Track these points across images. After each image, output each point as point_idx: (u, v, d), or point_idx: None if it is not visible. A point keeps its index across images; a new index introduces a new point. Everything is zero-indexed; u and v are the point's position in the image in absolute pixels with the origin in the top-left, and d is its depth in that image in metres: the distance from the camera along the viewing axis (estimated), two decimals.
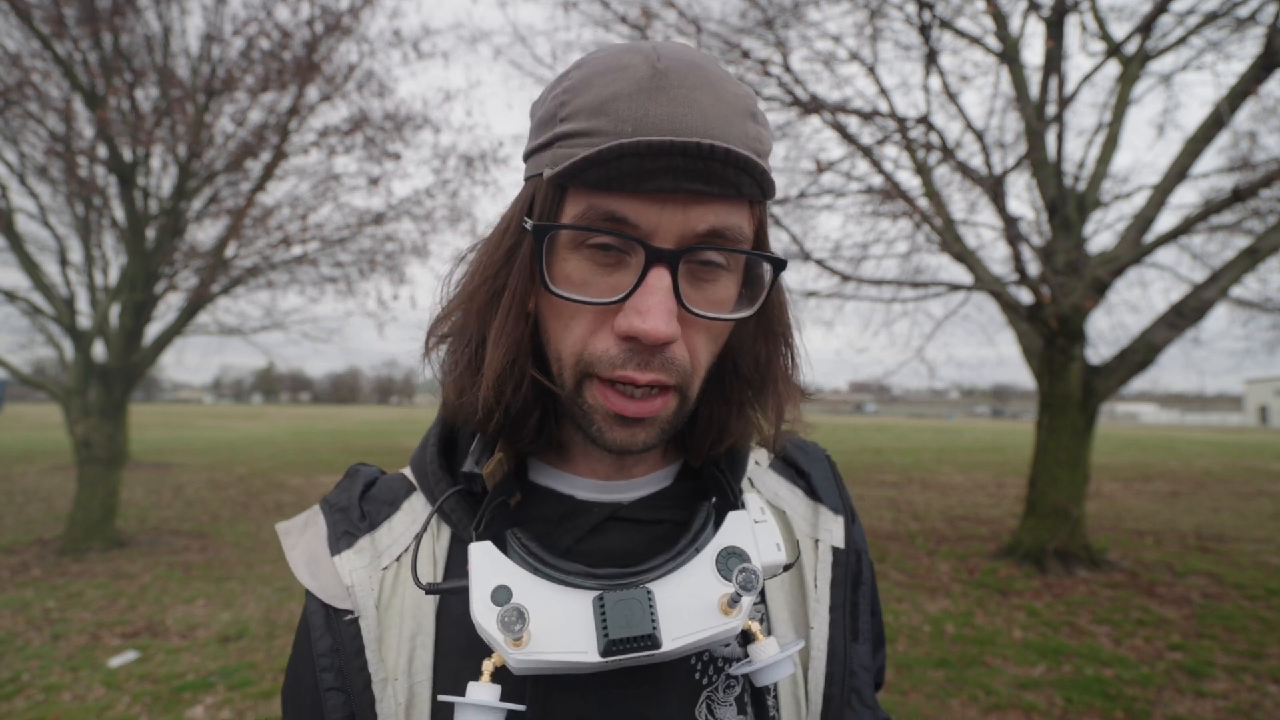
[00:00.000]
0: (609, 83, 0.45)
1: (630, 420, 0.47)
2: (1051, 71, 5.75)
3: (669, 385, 0.47)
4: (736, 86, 0.47)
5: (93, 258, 7.09)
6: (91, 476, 6.38)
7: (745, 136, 0.46)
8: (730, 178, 0.43)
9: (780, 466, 0.64)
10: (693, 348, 0.48)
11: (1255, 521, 8.31)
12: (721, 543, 0.49)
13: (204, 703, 3.36)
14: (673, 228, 0.44)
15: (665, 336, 0.43)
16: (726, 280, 0.48)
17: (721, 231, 0.45)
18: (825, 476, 0.64)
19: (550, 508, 0.55)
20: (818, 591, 0.57)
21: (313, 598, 0.54)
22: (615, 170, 0.42)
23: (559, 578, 0.46)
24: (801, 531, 0.60)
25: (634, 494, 0.56)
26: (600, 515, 0.54)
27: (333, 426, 32.85)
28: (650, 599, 0.45)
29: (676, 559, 0.48)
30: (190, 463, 14.42)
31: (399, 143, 7.46)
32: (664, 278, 0.44)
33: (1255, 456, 19.44)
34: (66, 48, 5.70)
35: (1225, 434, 38.97)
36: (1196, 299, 5.39)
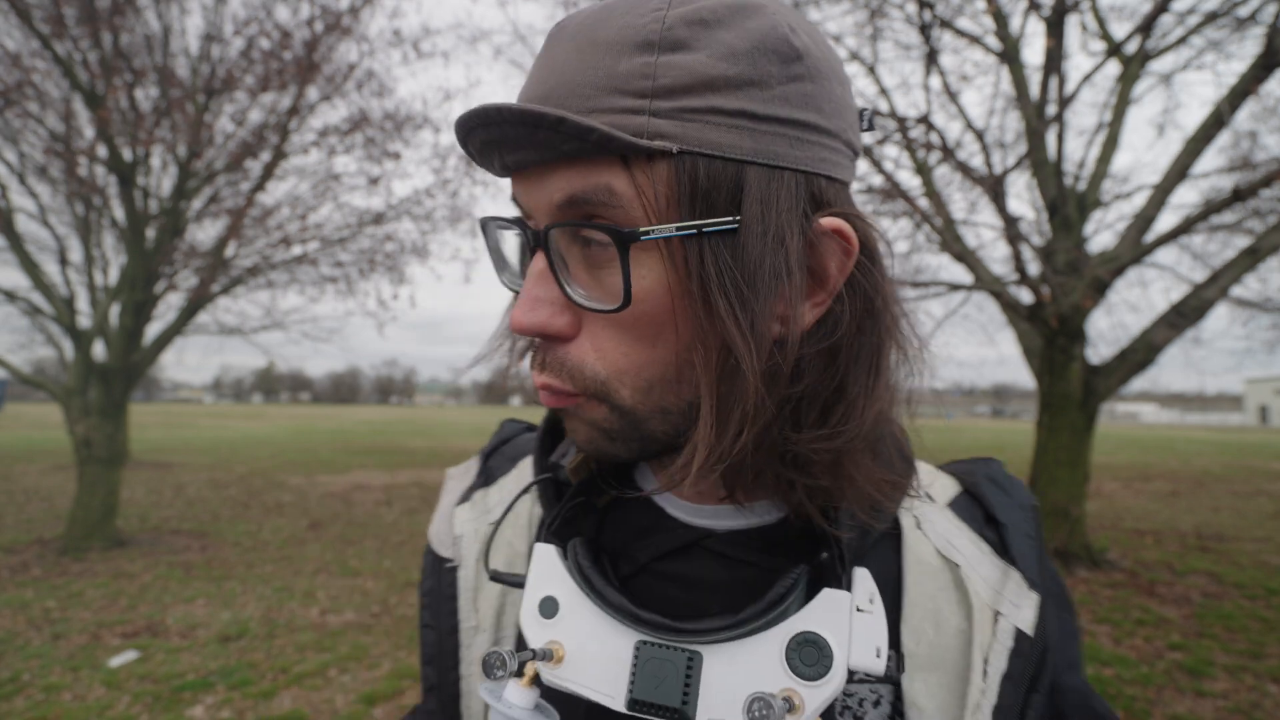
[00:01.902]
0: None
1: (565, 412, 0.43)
2: (1052, 71, 5.74)
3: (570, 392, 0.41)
4: (639, 16, 0.38)
5: (92, 257, 7.08)
6: (92, 476, 6.38)
7: (606, 77, 0.37)
8: (542, 139, 0.36)
9: (965, 506, 0.50)
10: (600, 347, 0.40)
11: (1255, 521, 8.31)
12: (802, 625, 0.39)
13: (204, 702, 3.36)
14: (539, 204, 0.39)
15: (521, 327, 0.39)
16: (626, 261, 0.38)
17: (580, 199, 0.38)
18: (1026, 534, 0.48)
19: (639, 517, 0.50)
20: (986, 681, 0.42)
21: (429, 541, 0.58)
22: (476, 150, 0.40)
23: (604, 608, 0.42)
24: (978, 597, 0.45)
25: (727, 523, 0.47)
26: (683, 539, 0.47)
27: (333, 426, 32.85)
28: (691, 667, 0.39)
29: (738, 629, 0.39)
30: (190, 462, 14.42)
31: (399, 142, 7.46)
32: (539, 261, 0.40)
33: (1255, 456, 19.44)
34: (66, 47, 5.70)
35: (1225, 433, 38.96)
36: (1197, 298, 5.39)
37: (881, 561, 0.46)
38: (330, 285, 8.37)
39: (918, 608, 0.45)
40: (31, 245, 6.74)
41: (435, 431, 28.43)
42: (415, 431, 28.28)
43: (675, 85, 0.37)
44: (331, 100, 7.04)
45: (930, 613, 0.45)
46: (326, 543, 6.92)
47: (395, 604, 4.96)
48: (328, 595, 5.14)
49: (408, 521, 8.15)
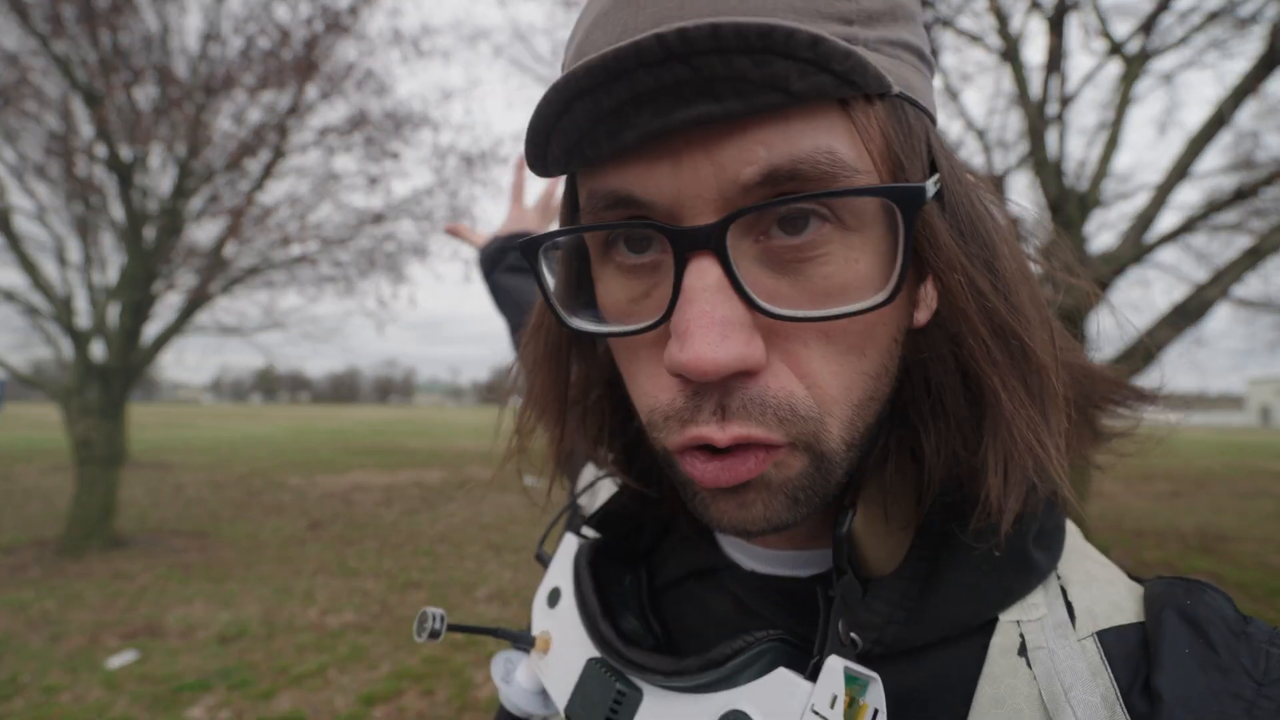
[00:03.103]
0: (591, 6, 0.32)
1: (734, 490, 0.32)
2: (1053, 70, 5.74)
3: (775, 443, 0.30)
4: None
5: (91, 257, 7.07)
6: (90, 476, 6.37)
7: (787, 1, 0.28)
8: (752, 75, 0.26)
9: (1127, 645, 0.32)
10: (807, 370, 0.30)
11: (1257, 521, 8.31)
12: (739, 701, 0.32)
13: (203, 703, 3.35)
14: (703, 190, 0.28)
15: (715, 367, 0.27)
16: (846, 248, 0.30)
17: (794, 169, 0.28)
18: (1207, 714, 0.29)
19: (690, 528, 0.45)
20: None
21: None
22: (578, 129, 0.28)
23: (580, 612, 0.39)
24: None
25: (757, 566, 0.40)
26: (707, 562, 0.42)
27: (332, 426, 32.85)
28: (621, 700, 0.35)
29: (675, 679, 0.34)
30: (190, 462, 14.41)
31: (398, 142, 7.46)
32: (708, 273, 0.28)
33: (1257, 456, 19.44)
34: (65, 46, 5.69)
35: (1227, 434, 38.98)
36: (1198, 298, 5.38)
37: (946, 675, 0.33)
38: (330, 285, 8.37)
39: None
40: (30, 245, 6.73)
41: (435, 432, 28.43)
42: (415, 431, 28.28)
43: (876, 10, 0.30)
44: (331, 99, 7.03)
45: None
46: (326, 543, 6.91)
47: (395, 604, 4.95)
48: (327, 596, 5.12)
49: (407, 522, 8.14)
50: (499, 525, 7.99)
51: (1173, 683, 0.29)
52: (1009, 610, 0.33)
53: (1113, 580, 0.36)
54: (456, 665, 3.83)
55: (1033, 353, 0.31)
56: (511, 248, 0.94)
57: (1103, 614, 0.34)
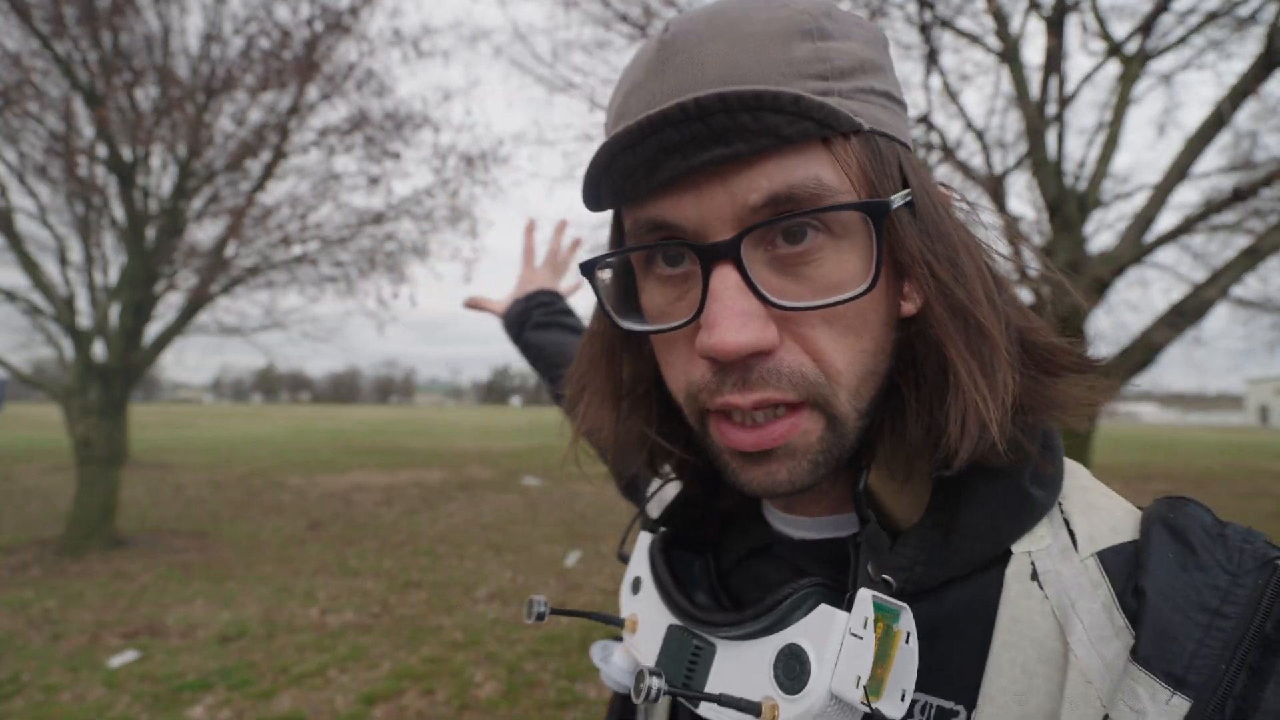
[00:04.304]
0: (626, 80, 0.41)
1: (759, 455, 0.39)
2: (1052, 71, 5.74)
3: (791, 402, 0.38)
4: (777, 10, 0.38)
5: (92, 257, 7.08)
6: (91, 476, 6.37)
7: (787, 64, 0.36)
8: (751, 125, 0.34)
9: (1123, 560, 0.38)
10: (815, 348, 0.38)
11: (1256, 521, 8.27)
12: (793, 637, 0.38)
13: (204, 702, 3.36)
14: (721, 213, 0.36)
15: (737, 347, 0.36)
16: (836, 252, 0.37)
17: (789, 194, 0.36)
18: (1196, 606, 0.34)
19: (746, 514, 0.52)
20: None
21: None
22: (619, 175, 0.37)
23: (658, 590, 0.47)
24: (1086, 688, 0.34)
25: (803, 533, 0.47)
26: (760, 540, 0.49)
27: (333, 426, 32.85)
28: (698, 655, 0.42)
29: (737, 628, 0.41)
30: (190, 462, 14.42)
31: (399, 142, 7.46)
32: (728, 276, 0.36)
33: (1256, 456, 19.44)
34: (66, 47, 5.70)
35: (1226, 434, 38.97)
36: (1197, 298, 5.38)
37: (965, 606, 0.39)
38: (330, 285, 8.37)
39: (1001, 675, 0.36)
40: (31, 245, 6.75)
41: (435, 431, 28.43)
42: (415, 431, 28.28)
43: (846, 67, 0.38)
44: (331, 100, 7.04)
45: (1018, 688, 0.36)
46: (326, 543, 6.92)
47: (395, 604, 4.96)
48: (327, 595, 5.13)
49: (408, 522, 8.15)
50: (499, 525, 8.00)
51: (1156, 581, 0.35)
52: (1019, 542, 0.39)
53: (1112, 508, 0.42)
54: (457, 665, 3.84)
55: (985, 329, 0.38)
56: (535, 306, 1.01)
57: (1101, 536, 0.39)
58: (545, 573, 5.88)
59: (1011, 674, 0.36)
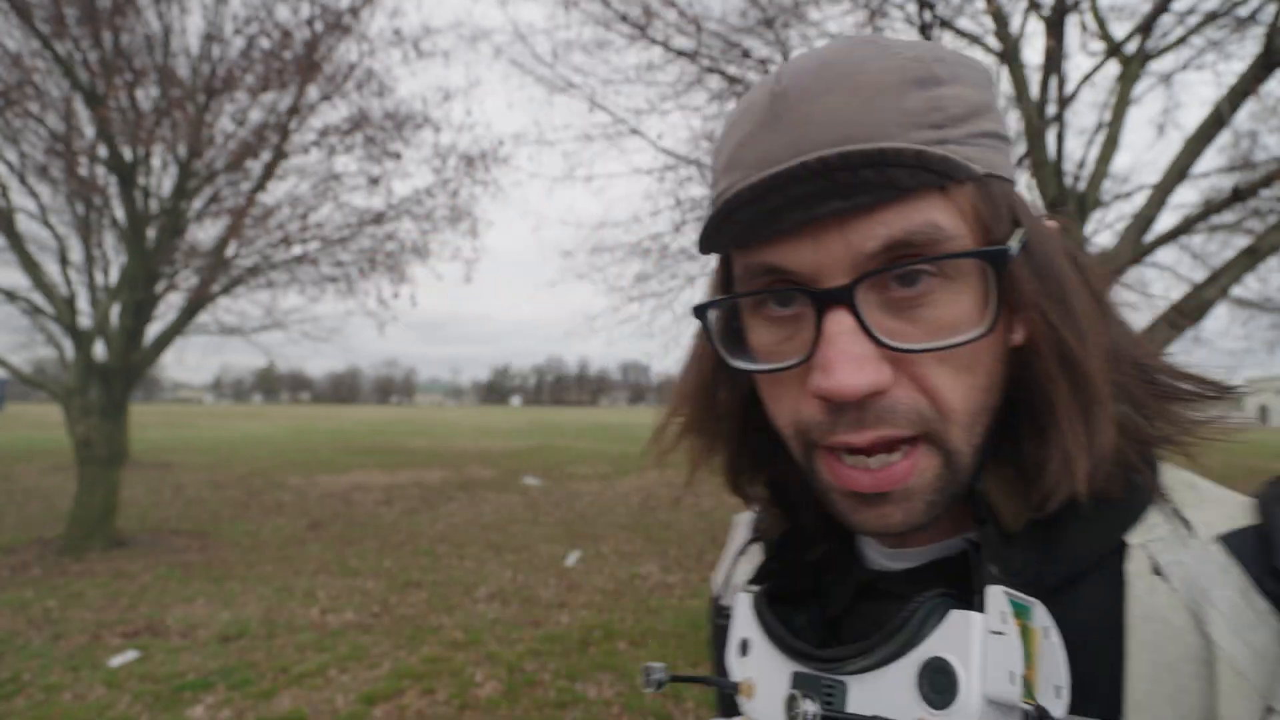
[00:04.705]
0: (737, 129, 0.41)
1: (873, 497, 0.39)
2: (1052, 71, 5.74)
3: (906, 438, 0.38)
4: (892, 57, 0.38)
5: (93, 257, 7.09)
6: (91, 476, 6.38)
7: (902, 115, 0.37)
8: (872, 179, 0.35)
9: (1244, 547, 0.37)
10: (930, 387, 0.38)
11: None
12: (931, 651, 0.37)
13: (204, 702, 3.36)
14: (837, 259, 0.37)
15: (857, 390, 0.36)
16: (949, 294, 0.38)
17: (906, 240, 0.37)
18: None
19: (843, 561, 0.51)
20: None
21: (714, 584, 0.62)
22: (740, 224, 0.38)
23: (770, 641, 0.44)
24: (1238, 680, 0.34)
25: (906, 564, 0.47)
26: (861, 580, 0.48)
27: (333, 426, 32.85)
28: (833, 694, 0.39)
29: (867, 656, 0.39)
30: (190, 462, 14.42)
31: (399, 142, 7.47)
32: (843, 321, 0.37)
33: (1256, 456, 19.44)
34: (67, 47, 5.70)
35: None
36: (1196, 298, 5.38)
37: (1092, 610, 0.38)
38: (330, 285, 8.38)
39: (1144, 679, 0.36)
40: (32, 245, 6.76)
41: (435, 431, 28.43)
42: (415, 431, 28.28)
43: (959, 114, 0.39)
44: (332, 100, 7.04)
45: (1166, 690, 0.35)
46: (326, 543, 6.92)
47: (395, 604, 4.96)
48: (328, 595, 5.14)
49: (408, 521, 8.16)
50: (499, 525, 8.01)
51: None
52: (1133, 533, 0.39)
53: (1222, 498, 0.41)
54: (457, 665, 3.85)
55: (1090, 379, 0.39)
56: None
57: (1219, 522, 0.39)
58: (545, 572, 5.89)
59: (1156, 676, 0.35)
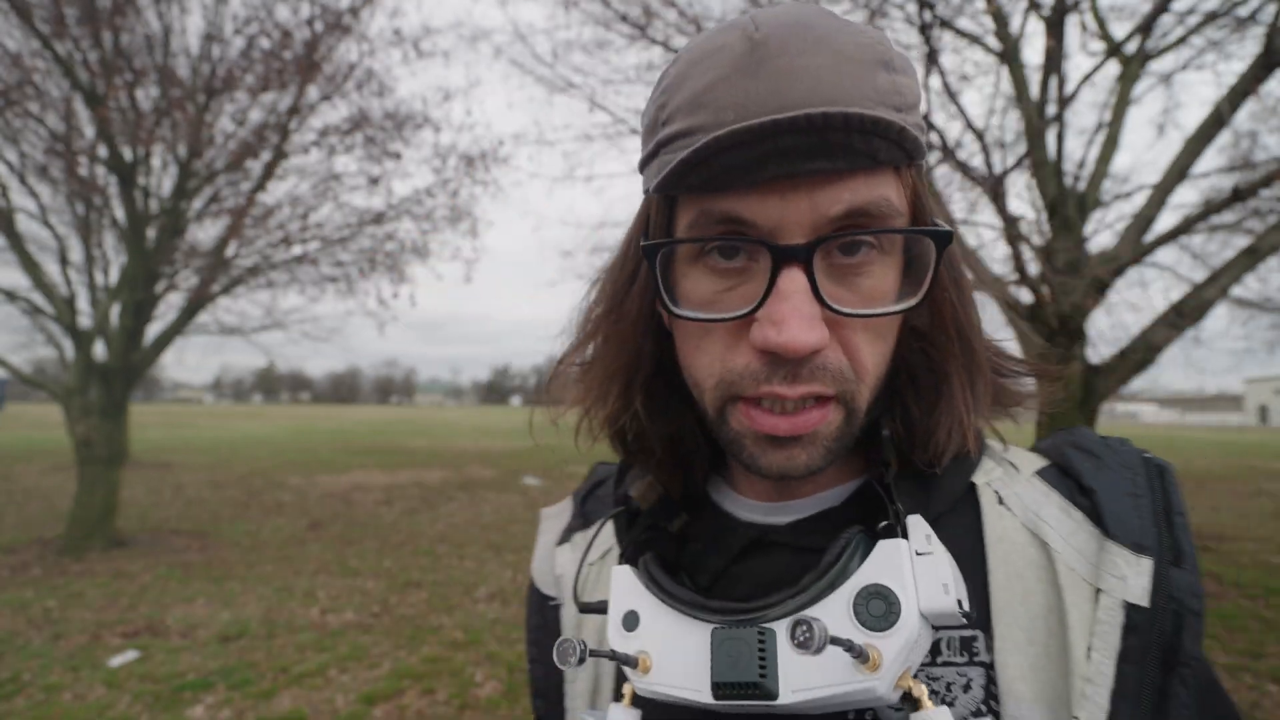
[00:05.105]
0: (705, 70, 0.40)
1: (785, 440, 0.41)
2: (1052, 71, 5.74)
3: (827, 395, 0.41)
4: (859, 35, 0.40)
5: (93, 257, 7.09)
6: (91, 476, 6.38)
7: (875, 91, 0.38)
8: (859, 145, 0.37)
9: (1055, 477, 0.47)
10: (852, 350, 0.41)
11: (1255, 521, 8.31)
12: (865, 579, 0.40)
13: (204, 702, 3.36)
14: (800, 218, 0.38)
15: (805, 347, 0.38)
16: (881, 267, 0.41)
17: (863, 210, 0.39)
18: (1129, 494, 0.44)
19: (712, 527, 0.52)
20: (1091, 665, 0.39)
21: (531, 579, 0.61)
22: (719, 167, 0.37)
23: (678, 607, 0.44)
24: (1072, 573, 0.42)
25: (792, 517, 0.49)
26: (747, 538, 0.49)
27: (333, 426, 32.85)
28: (765, 641, 0.39)
29: (800, 596, 0.41)
30: (190, 462, 14.42)
31: (399, 142, 7.47)
32: (797, 279, 0.38)
33: (1255, 456, 19.45)
34: (67, 47, 5.70)
35: (1225, 433, 38.98)
36: (1196, 298, 5.39)
37: (959, 538, 0.45)
38: (330, 285, 8.38)
39: (1004, 589, 0.43)
40: (32, 245, 6.75)
41: (435, 431, 28.43)
42: (415, 431, 28.28)
43: (909, 102, 0.41)
44: (332, 100, 7.04)
45: (1019, 593, 0.42)
46: (326, 543, 6.92)
47: (395, 604, 4.96)
48: (328, 595, 5.14)
49: (408, 521, 8.16)
50: (499, 525, 8.01)
51: (1092, 478, 0.45)
52: (977, 475, 0.48)
53: (1023, 450, 0.51)
54: (457, 665, 3.85)
55: (978, 354, 0.46)
56: None
57: (1031, 464, 0.49)
58: None
59: (1010, 585, 0.43)
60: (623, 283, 0.48)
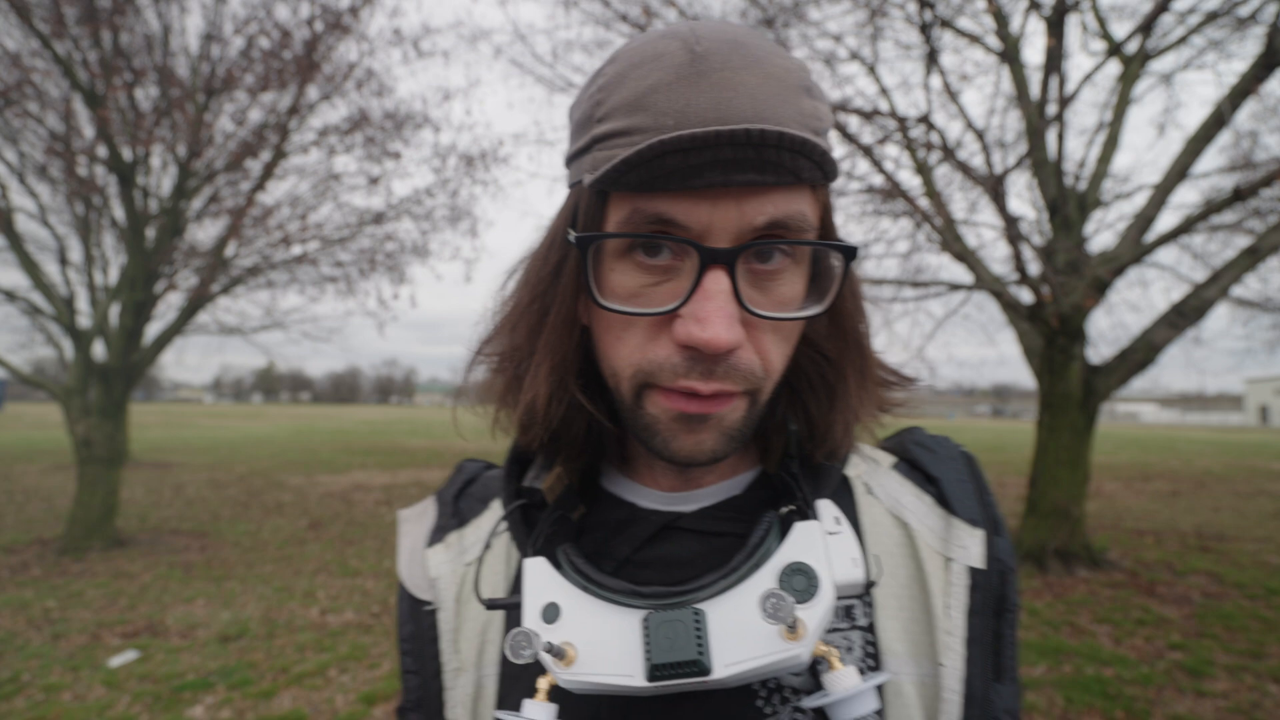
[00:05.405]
0: (645, 74, 0.42)
1: (695, 422, 0.44)
2: (1052, 71, 5.74)
3: (738, 393, 0.44)
4: (786, 60, 0.43)
5: (92, 257, 7.09)
6: (91, 476, 6.38)
7: (800, 115, 0.42)
8: (787, 163, 0.40)
9: (906, 470, 0.55)
10: (762, 350, 0.44)
11: (1255, 521, 8.31)
12: (786, 558, 0.43)
13: (204, 702, 3.36)
14: (727, 224, 0.41)
15: (727, 344, 0.40)
16: (792, 275, 0.44)
17: (783, 222, 0.42)
18: (959, 481, 0.53)
19: (612, 516, 0.53)
20: (949, 620, 0.48)
21: (402, 585, 0.58)
22: (659, 169, 0.39)
23: (606, 596, 0.44)
24: (929, 547, 0.50)
25: (697, 504, 0.52)
26: (656, 524, 0.51)
27: (333, 426, 32.85)
28: (699, 620, 0.41)
29: (731, 576, 0.43)
30: (190, 462, 14.42)
31: (399, 142, 7.47)
32: (721, 280, 0.41)
33: (1256, 456, 19.45)
34: (66, 47, 5.70)
35: (1225, 433, 38.98)
36: (1197, 298, 5.39)
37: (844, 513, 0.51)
38: (330, 285, 8.38)
39: (877, 563, 0.50)
40: (31, 245, 6.76)
41: (435, 431, 28.43)
42: (415, 431, 28.28)
43: (824, 128, 0.45)
44: (331, 100, 7.04)
45: (890, 568, 0.50)
46: (326, 543, 6.92)
47: (395, 604, 4.96)
48: (328, 595, 5.14)
49: None
50: None
51: (934, 467, 0.54)
52: (849, 468, 0.54)
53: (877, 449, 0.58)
54: None
55: (870, 360, 0.52)
56: None
57: (887, 459, 0.56)
58: None
59: (884, 559, 0.50)
60: (548, 274, 0.48)
